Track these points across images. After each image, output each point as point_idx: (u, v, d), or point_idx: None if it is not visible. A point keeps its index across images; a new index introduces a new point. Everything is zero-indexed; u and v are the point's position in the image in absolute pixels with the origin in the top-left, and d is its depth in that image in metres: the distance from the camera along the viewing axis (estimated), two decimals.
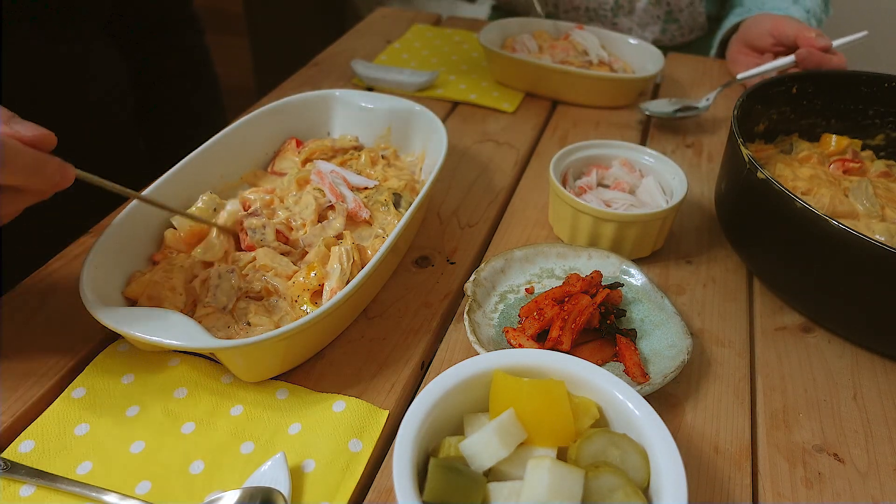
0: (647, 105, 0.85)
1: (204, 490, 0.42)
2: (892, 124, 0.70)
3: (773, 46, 0.90)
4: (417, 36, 1.07)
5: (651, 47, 0.91)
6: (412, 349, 0.53)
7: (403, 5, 2.18)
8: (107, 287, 0.49)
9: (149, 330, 0.44)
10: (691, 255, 0.64)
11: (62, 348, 0.51)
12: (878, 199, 0.60)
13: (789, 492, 0.44)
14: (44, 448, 0.44)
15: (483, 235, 0.66)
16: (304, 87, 0.91)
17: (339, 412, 0.47)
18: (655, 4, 1.07)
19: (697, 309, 0.58)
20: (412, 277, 0.60)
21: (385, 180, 0.64)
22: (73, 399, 0.47)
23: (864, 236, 0.46)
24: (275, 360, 0.48)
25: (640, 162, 0.67)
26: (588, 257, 0.59)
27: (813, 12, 0.99)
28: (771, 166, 0.66)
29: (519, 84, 0.91)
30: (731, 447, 0.47)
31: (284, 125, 0.69)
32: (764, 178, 0.53)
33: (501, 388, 0.39)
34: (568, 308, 0.51)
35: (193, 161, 0.59)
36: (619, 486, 0.35)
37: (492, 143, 0.81)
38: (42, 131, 0.41)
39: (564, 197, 0.61)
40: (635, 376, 0.49)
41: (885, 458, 0.47)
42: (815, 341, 0.56)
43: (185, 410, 0.47)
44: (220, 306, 0.50)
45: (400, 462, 0.35)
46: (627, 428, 0.39)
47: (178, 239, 0.55)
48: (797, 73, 0.69)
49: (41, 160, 0.41)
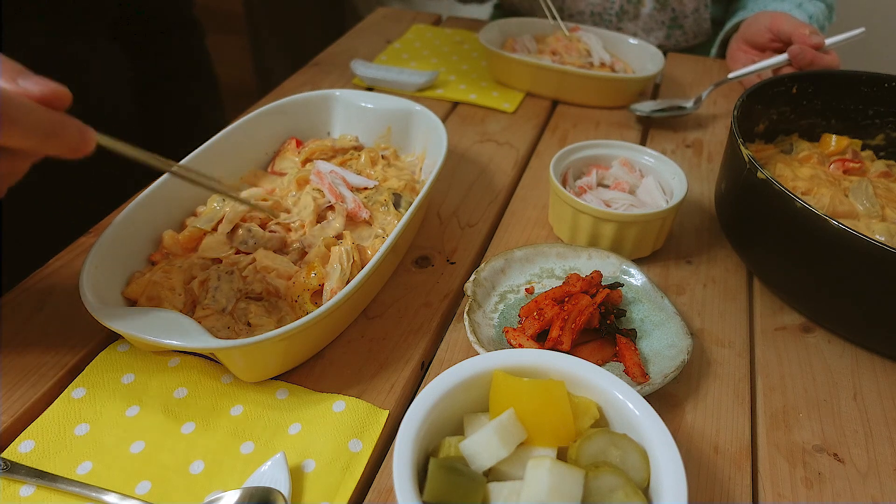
0: (636, 106, 0.85)
1: (204, 490, 0.42)
2: (892, 124, 0.70)
3: (770, 42, 0.90)
4: (417, 36, 1.07)
5: (651, 47, 0.91)
6: (412, 349, 0.53)
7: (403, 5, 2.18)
8: (106, 287, 0.49)
9: (149, 330, 0.44)
10: (691, 255, 0.64)
11: (62, 348, 0.51)
12: (878, 199, 0.60)
13: (789, 492, 0.44)
14: (44, 448, 0.44)
15: (483, 235, 0.66)
16: (304, 87, 0.91)
17: (339, 412, 0.47)
18: (660, 10, 1.07)
19: (697, 309, 0.58)
20: (412, 277, 0.60)
21: (385, 180, 0.64)
22: (73, 399, 0.47)
23: (864, 236, 0.46)
24: (275, 360, 0.48)
25: (640, 162, 0.67)
26: (588, 257, 0.59)
27: (816, 18, 0.99)
28: (771, 166, 0.66)
29: (519, 84, 0.91)
30: (731, 447, 0.47)
31: (284, 125, 0.69)
32: (764, 178, 0.53)
33: (501, 388, 0.39)
34: (568, 308, 0.51)
35: (193, 161, 0.59)
36: (619, 486, 0.35)
37: (492, 143, 0.81)
38: (53, 86, 0.36)
39: (564, 197, 0.61)
40: (635, 376, 0.49)
41: (885, 458, 0.47)
42: (815, 341, 0.56)
43: (185, 410, 0.47)
44: (219, 308, 0.50)
45: (400, 462, 0.35)
46: (627, 428, 0.39)
47: (176, 241, 0.55)
48: (797, 73, 0.69)
49: (57, 121, 0.36)
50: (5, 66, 0.36)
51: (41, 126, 0.36)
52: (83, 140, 0.38)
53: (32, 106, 0.35)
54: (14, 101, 0.34)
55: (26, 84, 0.36)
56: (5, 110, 0.34)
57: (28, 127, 0.35)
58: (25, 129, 0.35)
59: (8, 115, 0.34)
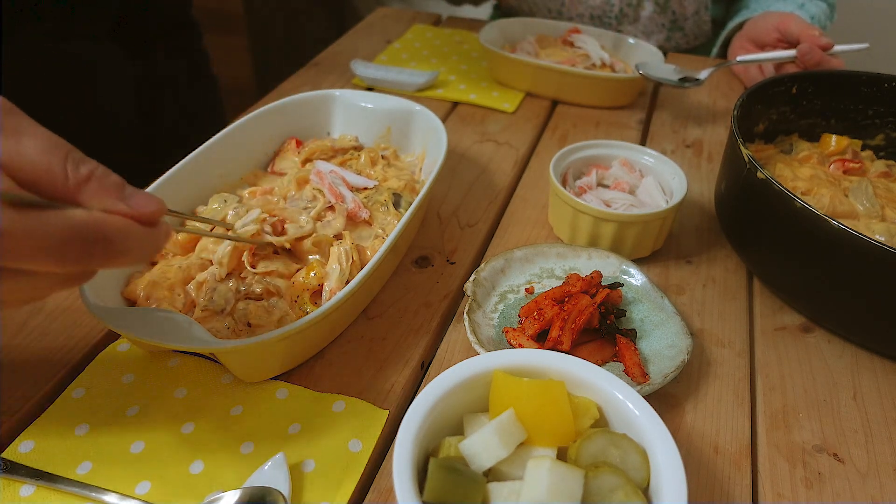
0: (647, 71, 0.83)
1: (204, 490, 0.42)
2: (892, 124, 0.70)
3: (777, 42, 0.91)
4: (417, 36, 1.07)
5: (651, 47, 0.91)
6: (412, 349, 0.53)
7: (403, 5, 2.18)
8: (106, 287, 0.49)
9: (149, 330, 0.43)
10: (691, 255, 0.64)
11: (62, 348, 0.51)
12: (878, 199, 0.60)
13: (789, 492, 0.44)
14: (44, 448, 0.44)
15: (483, 235, 0.66)
16: (304, 87, 0.91)
17: (338, 412, 0.47)
18: (660, 13, 1.07)
19: (697, 309, 0.58)
20: (412, 277, 0.60)
21: (385, 180, 0.64)
22: (73, 399, 0.47)
23: (864, 236, 0.46)
24: (275, 360, 0.48)
25: (640, 162, 0.67)
26: (588, 257, 0.59)
27: (818, 18, 0.99)
28: (771, 166, 0.66)
29: (519, 84, 0.91)
30: (731, 447, 0.47)
31: (284, 125, 0.69)
32: (764, 178, 0.53)
33: (501, 388, 0.39)
34: (568, 308, 0.51)
35: (193, 161, 0.59)
36: (619, 486, 0.35)
37: (492, 143, 0.81)
38: (159, 204, 0.34)
39: (564, 197, 0.61)
40: (635, 376, 0.49)
41: (885, 458, 0.47)
42: (814, 341, 0.56)
43: (185, 410, 0.47)
44: (218, 308, 0.50)
45: (400, 462, 0.35)
46: (627, 428, 0.39)
47: (175, 242, 0.55)
48: (797, 73, 0.69)
49: (157, 239, 0.34)
50: (111, 182, 0.33)
51: (148, 251, 0.34)
52: (167, 240, 0.36)
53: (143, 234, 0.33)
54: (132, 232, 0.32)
55: (135, 202, 0.33)
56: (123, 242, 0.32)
57: (137, 256, 0.33)
58: (135, 257, 0.33)
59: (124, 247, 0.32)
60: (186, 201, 0.58)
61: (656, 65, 0.86)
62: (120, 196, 0.33)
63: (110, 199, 0.32)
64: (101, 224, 0.31)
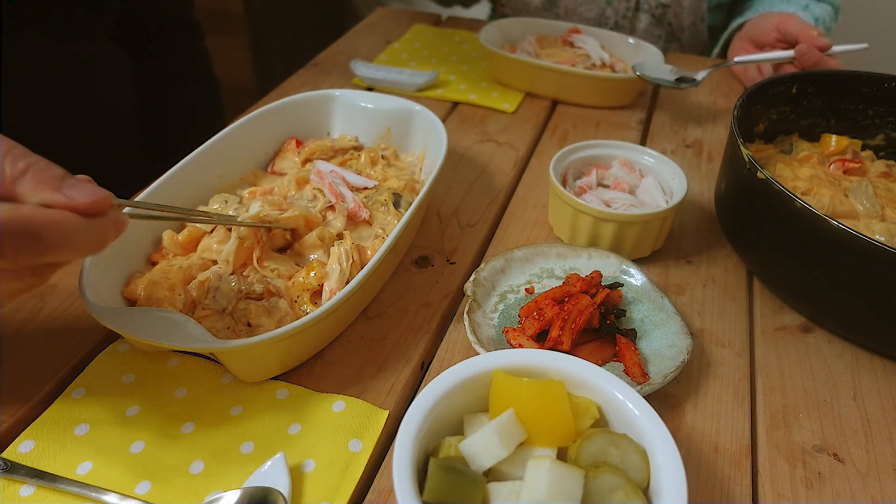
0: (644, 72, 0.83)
1: (204, 490, 0.42)
2: (892, 124, 0.70)
3: (776, 42, 0.91)
4: (417, 36, 1.07)
5: (651, 47, 0.91)
6: (412, 349, 0.53)
7: (403, 5, 2.18)
8: (106, 287, 0.49)
9: (149, 330, 0.44)
10: (691, 255, 0.64)
11: (62, 348, 0.51)
12: (878, 199, 0.60)
13: (789, 492, 0.44)
14: (44, 448, 0.44)
15: (483, 235, 0.66)
16: (304, 87, 0.91)
17: (338, 412, 0.47)
18: (657, 25, 1.07)
19: (697, 309, 0.58)
20: (412, 277, 0.60)
21: (385, 180, 0.64)
22: (73, 399, 0.47)
23: (864, 236, 0.46)
24: (275, 360, 0.48)
25: (640, 162, 0.67)
26: (588, 257, 0.59)
27: (822, 20, 0.99)
28: (771, 166, 0.66)
29: (519, 84, 0.91)
30: (731, 447, 0.47)
31: (284, 125, 0.69)
32: (764, 178, 0.53)
33: (501, 388, 0.39)
34: (568, 308, 0.51)
35: (193, 161, 0.59)
36: (619, 486, 0.35)
37: (492, 143, 0.81)
38: (99, 193, 0.34)
39: (564, 197, 0.61)
40: (635, 376, 0.49)
41: (885, 458, 0.47)
42: (814, 341, 0.56)
43: (185, 410, 0.47)
44: (218, 309, 0.50)
45: (400, 462, 0.35)
46: (627, 428, 0.39)
47: (175, 242, 0.55)
48: (797, 73, 0.69)
49: (104, 232, 0.34)
50: (49, 174, 0.33)
51: (91, 243, 0.34)
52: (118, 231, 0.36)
53: (81, 225, 0.33)
54: (66, 223, 0.33)
55: (73, 193, 0.33)
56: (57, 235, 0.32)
57: (74, 248, 0.34)
58: (77, 250, 0.34)
59: (60, 239, 0.32)
60: (186, 201, 0.58)
61: (654, 65, 0.86)
62: (57, 187, 0.33)
63: (47, 191, 0.32)
64: (25, 218, 0.31)
